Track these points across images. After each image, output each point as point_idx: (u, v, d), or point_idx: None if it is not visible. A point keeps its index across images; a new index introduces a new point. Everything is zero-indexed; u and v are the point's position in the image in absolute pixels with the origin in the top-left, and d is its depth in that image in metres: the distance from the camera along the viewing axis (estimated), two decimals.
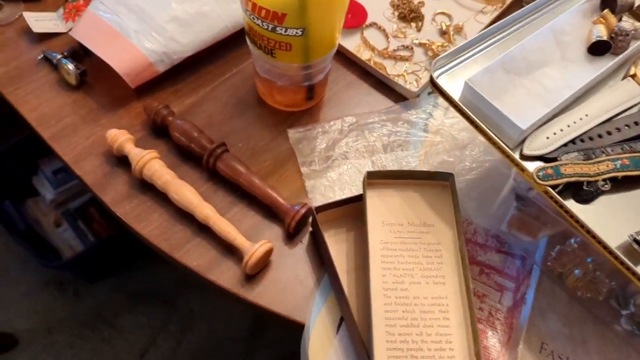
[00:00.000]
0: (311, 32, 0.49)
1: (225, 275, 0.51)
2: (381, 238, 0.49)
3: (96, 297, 1.35)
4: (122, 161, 0.56)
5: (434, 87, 0.47)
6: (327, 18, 0.50)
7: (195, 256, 0.51)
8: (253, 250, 0.49)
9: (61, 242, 1.28)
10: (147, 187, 0.54)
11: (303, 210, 0.51)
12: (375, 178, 0.51)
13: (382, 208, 0.50)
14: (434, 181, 0.52)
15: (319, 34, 0.51)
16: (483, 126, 0.44)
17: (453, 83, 0.48)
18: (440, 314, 0.46)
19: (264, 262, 0.51)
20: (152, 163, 0.53)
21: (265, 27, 0.49)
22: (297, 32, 0.49)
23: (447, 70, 0.48)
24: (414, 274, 0.47)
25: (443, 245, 0.49)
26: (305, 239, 0.53)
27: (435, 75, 0.47)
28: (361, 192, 0.54)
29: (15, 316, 1.32)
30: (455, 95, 0.46)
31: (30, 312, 1.33)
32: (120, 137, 0.54)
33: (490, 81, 0.45)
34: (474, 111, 0.45)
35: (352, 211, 0.52)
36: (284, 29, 0.48)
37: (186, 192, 0.52)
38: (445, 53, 0.48)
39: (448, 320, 0.45)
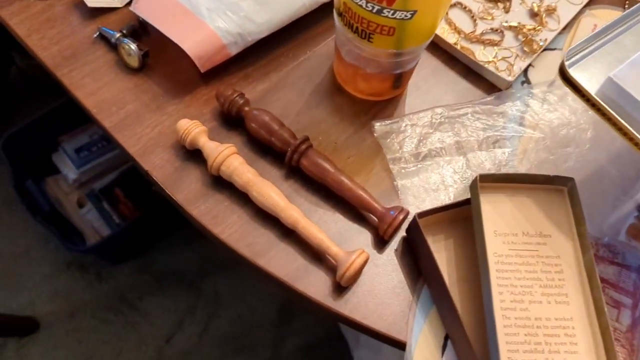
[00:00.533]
0: (420, 14, 0.43)
1: (314, 286, 0.46)
2: (494, 250, 0.44)
3: (119, 279, 1.31)
4: (193, 155, 0.50)
5: (566, 82, 0.41)
6: None
7: (282, 264, 0.46)
8: (350, 261, 0.43)
9: (84, 223, 1.23)
10: (222, 185, 0.49)
11: (401, 216, 0.46)
12: (487, 181, 0.45)
13: (493, 215, 0.45)
14: (548, 186, 0.46)
15: (427, 17, 0.44)
16: (632, 131, 0.38)
17: (582, 76, 0.42)
18: (566, 338, 0.41)
19: (360, 273, 0.46)
20: (232, 159, 0.47)
21: (370, 8, 0.43)
22: (406, 15, 0.43)
23: (575, 62, 0.43)
24: (533, 291, 0.42)
25: (563, 259, 0.44)
26: (397, 245, 0.48)
27: (567, 65, 0.41)
28: (460, 195, 0.49)
29: (37, 299, 1.28)
30: (590, 91, 0.41)
31: (52, 295, 1.29)
32: (194, 129, 0.48)
33: (637, 77, 0.40)
34: (617, 111, 0.39)
35: (450, 216, 0.47)
36: (391, 12, 0.42)
37: (271, 193, 0.46)
38: (579, 42, 0.42)
39: (576, 345, 0.41)
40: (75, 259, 1.32)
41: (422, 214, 0.45)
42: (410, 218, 0.47)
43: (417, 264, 0.47)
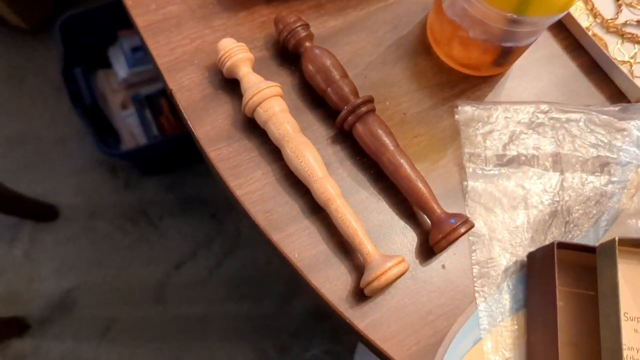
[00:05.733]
0: None
1: (332, 283, 0.36)
2: (623, 340, 0.33)
3: (145, 192, 1.27)
4: (229, 85, 0.41)
5: None
6: None
7: (299, 245, 0.37)
8: (383, 268, 0.34)
9: (124, 125, 1.18)
10: (253, 130, 0.40)
11: (462, 229, 0.36)
12: (626, 245, 0.34)
13: (625, 292, 0.34)
14: None
15: None
16: None
17: None
18: None
19: (390, 285, 0.36)
20: (272, 102, 0.38)
21: None
22: None
23: None
24: None
25: None
26: (450, 262, 0.38)
27: None
28: (544, 221, 0.38)
29: (62, 189, 1.25)
30: None
31: (78, 189, 1.26)
32: (237, 54, 0.39)
33: None
34: None
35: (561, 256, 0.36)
36: None
37: (308, 156, 0.37)
38: None
39: None
40: (108, 159, 1.28)
41: (563, 245, 0.35)
42: (477, 233, 0.37)
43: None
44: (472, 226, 0.36)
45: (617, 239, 0.32)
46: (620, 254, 0.34)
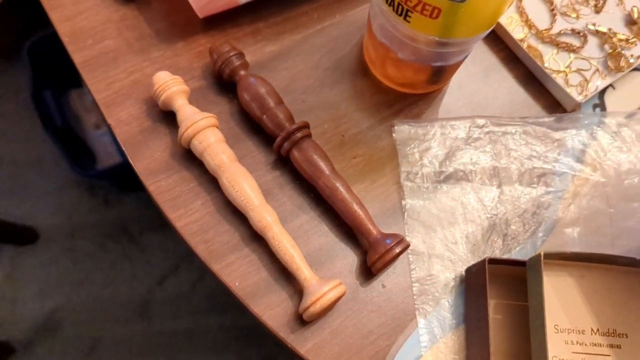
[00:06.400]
0: None
1: (274, 310, 0.37)
2: (553, 352, 0.33)
3: (125, 209, 1.27)
4: (167, 117, 0.41)
5: None
6: None
7: (239, 274, 0.38)
8: (321, 293, 0.34)
9: (99, 145, 1.18)
10: (192, 161, 0.40)
11: (397, 249, 0.36)
12: (552, 259, 0.35)
13: (555, 304, 0.34)
14: (631, 268, 0.35)
15: (485, 3, 0.33)
16: None
17: None
18: None
19: (330, 309, 0.37)
20: (207, 133, 0.38)
21: None
22: None
23: None
24: None
25: None
26: (390, 281, 0.39)
27: None
28: (484, 235, 0.39)
29: (41, 211, 1.25)
30: None
31: (56, 210, 1.26)
32: (171, 87, 0.39)
33: None
34: None
35: (495, 270, 0.37)
36: None
37: (244, 185, 0.37)
38: None
39: None
40: (85, 179, 1.28)
41: (495, 261, 0.36)
42: (414, 252, 0.38)
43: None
44: (408, 246, 0.37)
45: (542, 254, 0.33)
46: (550, 267, 0.35)
